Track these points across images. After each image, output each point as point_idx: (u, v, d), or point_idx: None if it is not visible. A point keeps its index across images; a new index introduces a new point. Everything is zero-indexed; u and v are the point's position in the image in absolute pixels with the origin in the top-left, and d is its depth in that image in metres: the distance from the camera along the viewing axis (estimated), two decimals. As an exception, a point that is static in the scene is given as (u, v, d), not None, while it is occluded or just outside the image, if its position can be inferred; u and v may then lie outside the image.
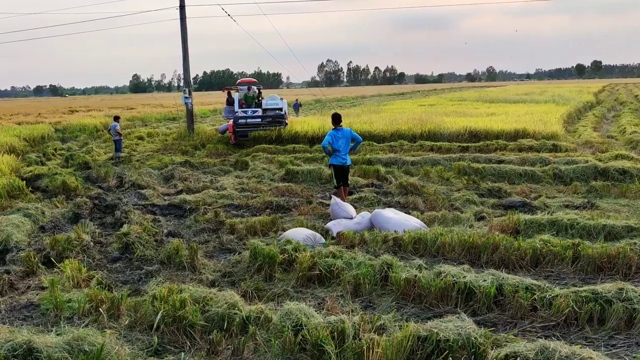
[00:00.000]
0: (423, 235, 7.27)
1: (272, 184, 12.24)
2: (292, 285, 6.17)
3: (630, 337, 4.81)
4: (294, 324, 4.57)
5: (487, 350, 4.04)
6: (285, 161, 14.85)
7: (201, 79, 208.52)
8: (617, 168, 11.76)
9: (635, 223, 7.61)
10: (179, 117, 34.35)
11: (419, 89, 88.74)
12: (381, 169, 12.98)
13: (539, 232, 7.48)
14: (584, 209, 9.20)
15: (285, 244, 7.01)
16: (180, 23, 22.42)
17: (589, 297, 5.13)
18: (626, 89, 62.93)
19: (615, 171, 11.65)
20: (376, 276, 5.99)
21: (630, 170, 11.63)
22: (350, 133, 9.90)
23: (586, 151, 15.55)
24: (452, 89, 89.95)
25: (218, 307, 5.08)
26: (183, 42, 22.44)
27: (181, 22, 22.40)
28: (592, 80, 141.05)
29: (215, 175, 13.80)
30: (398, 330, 4.43)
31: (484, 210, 9.27)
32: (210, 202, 10.39)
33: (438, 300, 5.49)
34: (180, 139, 21.59)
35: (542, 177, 11.89)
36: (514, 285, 5.40)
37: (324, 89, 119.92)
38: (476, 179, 11.87)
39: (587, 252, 6.40)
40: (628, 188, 10.53)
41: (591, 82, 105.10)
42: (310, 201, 10.37)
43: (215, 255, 7.53)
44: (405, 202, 10.06)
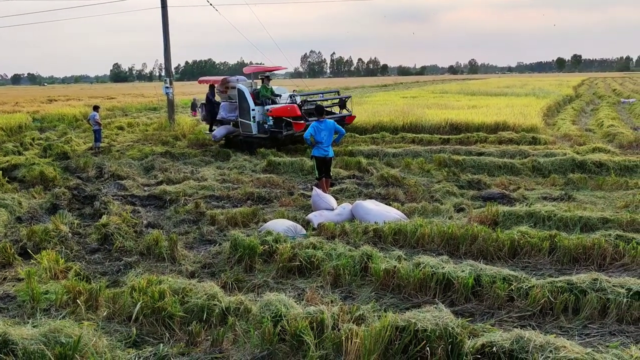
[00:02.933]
0: (403, 226, 7.32)
1: (253, 175, 12.21)
2: (273, 276, 6.18)
3: (604, 326, 4.90)
4: (274, 315, 4.58)
5: (464, 340, 4.09)
6: (267, 152, 14.81)
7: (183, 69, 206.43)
8: (594, 161, 11.95)
9: (611, 215, 7.75)
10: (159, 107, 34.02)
11: (401, 81, 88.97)
12: (363, 160, 13.01)
13: (517, 224, 7.58)
14: (561, 201, 9.34)
15: (266, 235, 7.01)
16: (162, 12, 22.15)
17: (564, 287, 5.22)
18: (605, 83, 63.78)
19: (592, 164, 11.83)
20: (356, 267, 6.03)
21: (606, 163, 11.82)
22: (334, 125, 9.91)
23: (565, 144, 15.75)
24: (435, 81, 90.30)
25: (197, 298, 5.07)
26: (164, 31, 22.17)
27: (162, 10, 22.13)
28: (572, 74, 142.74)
29: (196, 166, 13.72)
30: (377, 320, 4.46)
31: (463, 201, 9.36)
32: (190, 193, 10.34)
33: (417, 291, 5.55)
34: (161, 130, 21.37)
35: (521, 169, 12.03)
36: (492, 276, 5.47)
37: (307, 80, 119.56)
38: (456, 171, 11.97)
39: (563, 243, 6.51)
40: (604, 180, 10.70)
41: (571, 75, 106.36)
42: (292, 192, 10.37)
43: (195, 247, 7.51)
44: (386, 194, 10.11)
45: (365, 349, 4.06)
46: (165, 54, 22.45)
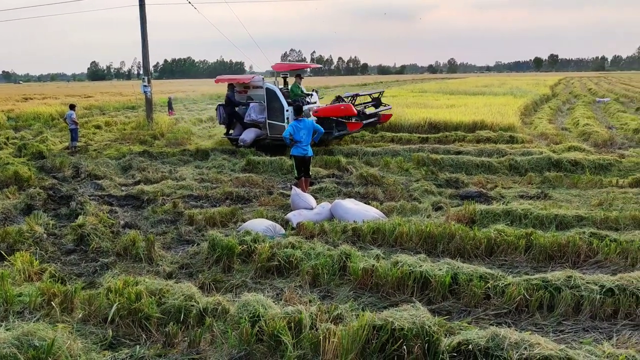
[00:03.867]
0: (382, 225, 7.36)
1: (232, 175, 12.15)
2: (251, 276, 6.16)
3: (578, 322, 4.99)
4: (252, 315, 4.57)
5: (441, 338, 4.12)
6: (246, 151, 14.75)
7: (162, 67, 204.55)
8: (570, 159, 12.14)
9: (585, 213, 7.89)
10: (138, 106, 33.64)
11: (381, 80, 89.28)
12: (342, 159, 13.04)
13: (494, 222, 7.67)
14: (537, 199, 9.47)
15: (245, 235, 6.99)
16: (140, 9, 21.89)
17: (540, 284, 5.30)
18: (581, 83, 64.79)
19: (568, 162, 12.02)
20: (335, 266, 6.04)
21: (581, 161, 12.02)
22: (312, 124, 9.92)
23: (541, 143, 15.96)
24: (414, 80, 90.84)
25: (175, 299, 5.03)
26: (142, 29, 21.93)
27: (140, 8, 21.87)
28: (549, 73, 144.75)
29: (174, 165, 13.61)
30: (355, 319, 4.48)
31: (441, 200, 9.43)
32: (168, 193, 10.25)
33: (395, 290, 5.58)
34: (139, 129, 21.13)
35: (498, 168, 12.17)
36: (469, 274, 5.53)
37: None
38: (435, 169, 12.06)
39: (539, 241, 6.60)
40: (579, 179, 10.88)
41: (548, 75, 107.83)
42: (271, 192, 10.34)
43: (173, 247, 7.45)
44: (365, 193, 10.14)
45: (342, 348, 4.08)
46: (144, 52, 22.21)
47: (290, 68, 16.94)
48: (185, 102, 38.16)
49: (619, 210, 8.12)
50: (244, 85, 16.12)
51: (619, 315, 5.02)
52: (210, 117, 26.23)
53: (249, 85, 15.97)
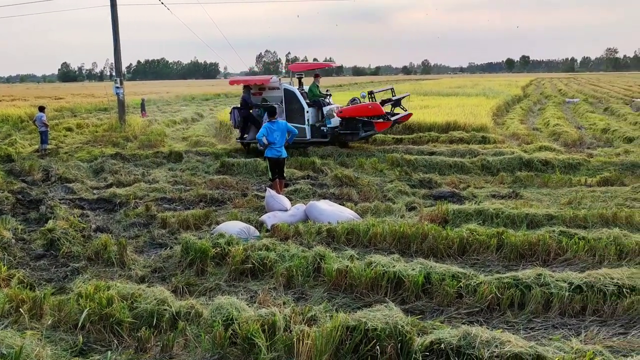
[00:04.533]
0: (356, 226, 7.39)
1: (206, 177, 12.07)
2: (225, 279, 6.13)
3: (547, 320, 5.09)
4: (225, 318, 4.56)
5: (414, 337, 4.16)
6: (221, 153, 14.66)
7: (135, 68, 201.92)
8: (540, 159, 12.36)
9: (555, 211, 8.04)
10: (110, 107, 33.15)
11: (356, 81, 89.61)
12: (317, 160, 13.06)
13: (467, 222, 7.76)
14: (509, 199, 9.61)
15: (218, 237, 6.95)
16: (111, 9, 21.60)
17: (511, 283, 5.39)
18: (551, 84, 65.99)
19: (539, 162, 12.24)
20: (309, 268, 6.05)
21: (552, 161, 12.25)
22: (286, 126, 9.91)
23: (513, 143, 16.22)
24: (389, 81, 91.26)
25: (147, 304, 4.98)
26: (114, 29, 21.63)
27: (112, 8, 21.58)
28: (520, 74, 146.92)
29: (147, 167, 13.45)
30: (328, 320, 4.49)
31: (415, 200, 9.51)
32: (141, 196, 10.13)
33: (368, 290, 5.61)
34: (111, 131, 20.84)
35: (471, 168, 12.32)
36: (441, 274, 5.59)
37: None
38: (408, 170, 12.16)
39: (510, 240, 6.70)
40: (550, 178, 11.09)
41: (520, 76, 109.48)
42: (246, 194, 10.30)
43: (145, 251, 7.37)
44: (340, 194, 10.17)
45: (316, 349, 4.09)
46: (116, 54, 21.92)
47: (308, 68, 16.51)
48: (158, 104, 37.77)
49: (587, 209, 8.30)
50: (258, 87, 15.53)
51: (587, 312, 5.13)
52: (184, 119, 25.99)
53: (265, 87, 15.45)
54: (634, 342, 4.59)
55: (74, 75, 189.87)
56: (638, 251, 6.41)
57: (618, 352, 4.38)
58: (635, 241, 6.54)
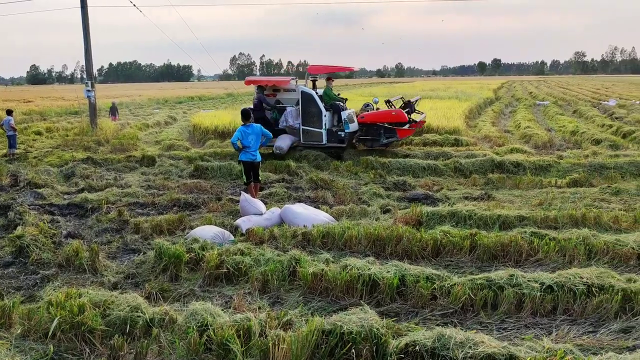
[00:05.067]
0: (331, 229, 7.40)
1: (180, 181, 11.94)
2: (199, 284, 6.07)
3: (520, 319, 5.17)
4: (200, 324, 4.52)
5: (389, 340, 4.18)
6: (194, 156, 14.54)
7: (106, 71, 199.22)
8: (512, 161, 12.57)
9: (526, 213, 8.18)
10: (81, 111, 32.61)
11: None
12: (292, 164, 13.04)
13: (440, 223, 7.83)
14: (481, 200, 9.75)
15: (192, 242, 6.89)
16: (82, 12, 21.25)
17: (484, 284, 5.46)
18: (522, 86, 67.20)
19: (510, 164, 12.45)
20: (284, 272, 6.03)
21: (523, 163, 12.47)
22: (261, 129, 9.88)
23: (485, 145, 16.45)
24: (363, 84, 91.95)
25: (120, 311, 4.90)
26: (84, 32, 21.28)
27: (82, 10, 21.24)
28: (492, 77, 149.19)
29: (119, 172, 13.25)
30: (304, 325, 4.49)
31: (389, 203, 9.57)
32: (113, 201, 9.98)
33: (344, 293, 5.62)
34: (82, 135, 20.48)
35: (444, 170, 12.46)
36: (416, 276, 5.63)
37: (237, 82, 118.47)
38: (383, 172, 12.23)
39: (483, 241, 6.79)
40: (521, 180, 11.28)
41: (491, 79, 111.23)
42: (220, 198, 10.23)
43: (118, 256, 7.25)
44: (315, 197, 10.18)
45: (292, 354, 4.08)
46: (86, 56, 21.57)
47: (328, 70, 16.15)
48: (131, 107, 37.31)
49: (557, 210, 8.45)
50: (272, 89, 15.12)
51: (558, 311, 5.23)
52: (157, 122, 25.69)
53: (279, 88, 15.07)
54: (603, 340, 4.70)
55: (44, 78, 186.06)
56: (606, 251, 6.56)
57: (588, 351, 4.48)
58: (604, 241, 6.70)
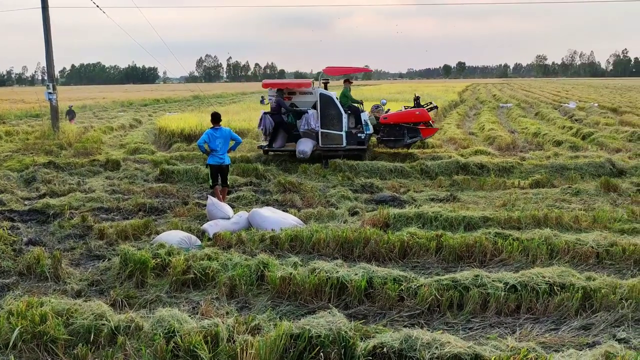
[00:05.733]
0: (299, 232, 7.40)
1: (145, 185, 11.77)
2: (166, 290, 5.99)
3: (485, 319, 5.27)
4: (166, 331, 4.46)
5: (357, 342, 4.21)
6: (160, 160, 14.34)
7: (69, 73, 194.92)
8: (476, 163, 12.80)
9: (490, 214, 8.34)
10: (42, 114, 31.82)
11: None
12: (260, 167, 12.99)
13: (407, 225, 7.92)
14: (447, 202, 9.89)
15: (159, 248, 6.79)
16: (42, 12, 20.75)
17: (450, 284, 5.54)
18: (486, 89, 68.52)
19: (475, 165, 12.67)
20: (252, 276, 6.00)
21: (487, 164, 12.71)
22: (230, 133, 9.82)
23: (450, 147, 16.70)
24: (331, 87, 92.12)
25: (84, 319, 4.80)
26: (45, 33, 20.78)
27: (43, 11, 20.74)
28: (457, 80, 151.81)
29: (83, 176, 12.97)
30: (272, 329, 4.48)
31: (357, 205, 9.62)
32: (77, 206, 9.76)
33: (312, 296, 5.63)
34: (43, 138, 19.98)
35: (410, 172, 12.60)
36: (383, 277, 5.68)
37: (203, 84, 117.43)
38: (351, 175, 12.30)
39: (448, 242, 6.90)
40: (485, 181, 11.50)
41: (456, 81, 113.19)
42: (186, 202, 10.12)
43: (82, 263, 7.10)
44: (284, 200, 10.17)
45: (260, 359, 4.06)
46: (47, 57, 21.06)
47: (343, 72, 16.11)
48: (95, 110, 36.58)
49: (520, 210, 8.65)
50: (288, 91, 14.69)
51: (522, 310, 5.35)
52: (121, 125, 25.25)
53: (295, 91, 14.71)
54: (565, 337, 4.83)
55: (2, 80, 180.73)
56: (567, 250, 6.74)
57: (550, 348, 4.59)
58: (565, 240, 6.88)
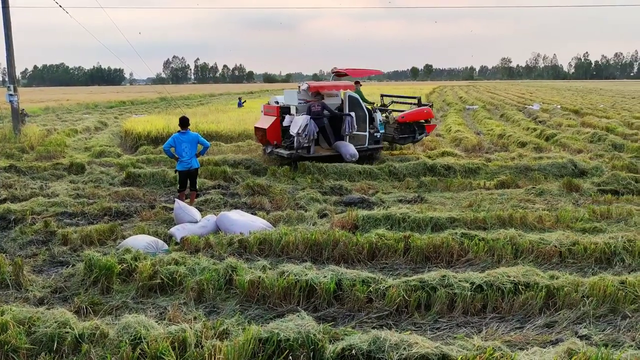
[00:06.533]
0: (268, 235, 7.38)
1: (111, 189, 11.54)
2: (132, 296, 5.90)
3: (452, 319, 5.34)
4: (133, 338, 4.38)
5: (326, 345, 4.22)
6: (126, 163, 14.11)
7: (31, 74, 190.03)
8: (443, 164, 12.97)
9: (457, 214, 8.46)
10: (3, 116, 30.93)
11: (267, 88, 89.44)
12: (228, 169, 12.89)
13: (376, 227, 7.98)
14: (414, 203, 10.00)
15: (125, 253, 6.68)
16: (2, 11, 20.19)
17: (417, 285, 5.60)
18: (453, 91, 69.43)
19: (442, 167, 12.84)
20: (220, 280, 5.96)
21: (453, 166, 12.89)
22: (197, 137, 9.71)
23: (418, 149, 16.88)
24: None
25: (47, 327, 4.68)
26: (6, 32, 20.21)
27: (3, 10, 20.18)
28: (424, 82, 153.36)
29: (46, 180, 12.65)
30: (241, 333, 4.45)
31: (326, 207, 9.65)
32: (39, 211, 9.51)
33: (281, 300, 5.62)
34: (4, 141, 19.41)
35: (379, 174, 12.69)
36: (352, 279, 5.71)
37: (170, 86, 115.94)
38: (320, 177, 12.31)
39: (416, 243, 6.97)
40: (452, 182, 11.66)
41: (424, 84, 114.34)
42: (153, 206, 9.98)
43: (45, 270, 6.92)
44: (252, 203, 10.12)
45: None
46: (8, 58, 20.49)
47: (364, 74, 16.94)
48: (58, 112, 35.75)
49: (486, 211, 8.80)
50: (314, 94, 14.27)
51: (488, 309, 5.45)
52: (86, 128, 24.73)
53: (322, 94, 14.37)
54: (529, 335, 4.93)
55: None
56: (531, 249, 6.89)
57: (515, 346, 4.68)
58: (529, 240, 7.03)
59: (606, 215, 8.63)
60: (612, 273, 6.28)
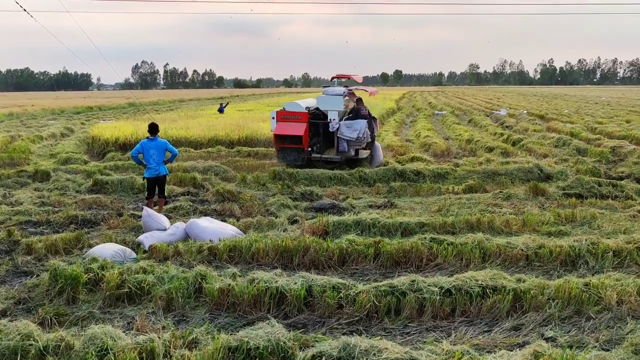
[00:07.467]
0: (238, 242, 7.34)
1: (77, 196, 11.30)
2: (99, 306, 5.78)
3: (422, 324, 5.39)
4: (99, 349, 4.31)
5: (296, 352, 4.22)
6: (93, 170, 13.85)
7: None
8: (413, 169, 13.09)
9: (426, 219, 8.55)
10: (-36, 122, 30.09)
11: (238, 94, 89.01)
12: (198, 176, 12.77)
13: (346, 232, 8.00)
14: (384, 208, 10.06)
15: (91, 262, 6.54)
16: (-38, 16, 19.70)
17: (387, 290, 5.64)
18: (422, 97, 70.32)
19: (411, 172, 12.96)
20: (190, 288, 5.90)
21: (422, 171, 13.03)
22: (165, 144, 9.62)
23: (388, 154, 17.01)
24: (270, 94, 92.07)
25: (9, 340, 4.56)
26: (-34, 37, 19.75)
27: (-37, 14, 19.71)
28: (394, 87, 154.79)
29: (9, 188, 12.31)
30: (210, 342, 4.41)
31: (297, 213, 9.64)
32: (2, 220, 9.27)
33: (251, 307, 5.59)
34: (-35, 148, 18.91)
35: (349, 179, 12.74)
36: (322, 286, 5.71)
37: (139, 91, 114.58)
38: (290, 183, 12.29)
39: (386, 248, 7.02)
40: (421, 187, 11.78)
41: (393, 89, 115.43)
42: (121, 213, 9.82)
43: (8, 280, 6.73)
44: (222, 210, 10.04)
45: (197, 374, 3.99)
46: (-31, 63, 19.97)
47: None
48: (22, 118, 34.94)
49: (454, 215, 8.91)
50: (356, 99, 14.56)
51: (456, 313, 5.51)
52: (52, 134, 24.21)
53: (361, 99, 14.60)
54: (497, 339, 5.01)
55: None
56: (499, 253, 7.01)
57: (483, 350, 4.76)
58: (496, 244, 7.15)
59: (571, 219, 8.84)
60: (577, 275, 6.43)
